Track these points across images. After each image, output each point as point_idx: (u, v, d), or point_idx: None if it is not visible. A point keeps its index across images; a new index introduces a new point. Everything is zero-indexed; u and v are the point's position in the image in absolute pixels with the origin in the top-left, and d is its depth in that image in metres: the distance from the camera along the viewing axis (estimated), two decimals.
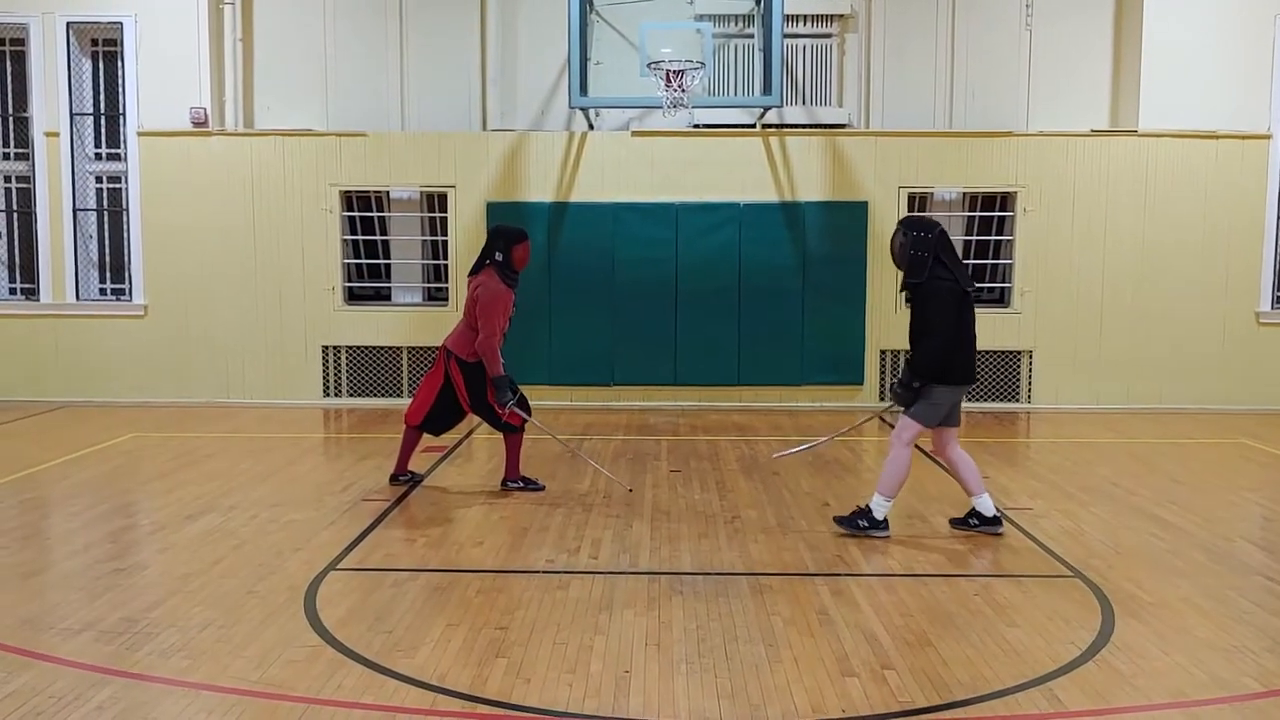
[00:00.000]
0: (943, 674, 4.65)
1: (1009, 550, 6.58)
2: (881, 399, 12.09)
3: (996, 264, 12.31)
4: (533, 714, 4.27)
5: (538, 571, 6.11)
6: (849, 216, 11.93)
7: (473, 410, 7.92)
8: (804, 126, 12.14)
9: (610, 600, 5.60)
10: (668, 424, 11.14)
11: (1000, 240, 12.24)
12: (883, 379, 12.12)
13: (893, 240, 6.74)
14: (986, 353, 12.02)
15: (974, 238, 12.25)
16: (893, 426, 6.93)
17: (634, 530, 6.98)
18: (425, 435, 8.22)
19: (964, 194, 12.15)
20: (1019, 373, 12.14)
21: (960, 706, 4.34)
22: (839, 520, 6.92)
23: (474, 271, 7.86)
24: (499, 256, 7.71)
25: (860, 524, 6.80)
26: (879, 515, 6.78)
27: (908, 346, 6.73)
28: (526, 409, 7.89)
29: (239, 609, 5.45)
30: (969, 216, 12.27)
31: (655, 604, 5.55)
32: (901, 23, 12.20)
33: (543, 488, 8.06)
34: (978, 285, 12.08)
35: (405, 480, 8.22)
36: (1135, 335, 11.99)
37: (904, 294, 6.98)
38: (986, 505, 6.88)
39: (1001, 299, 12.33)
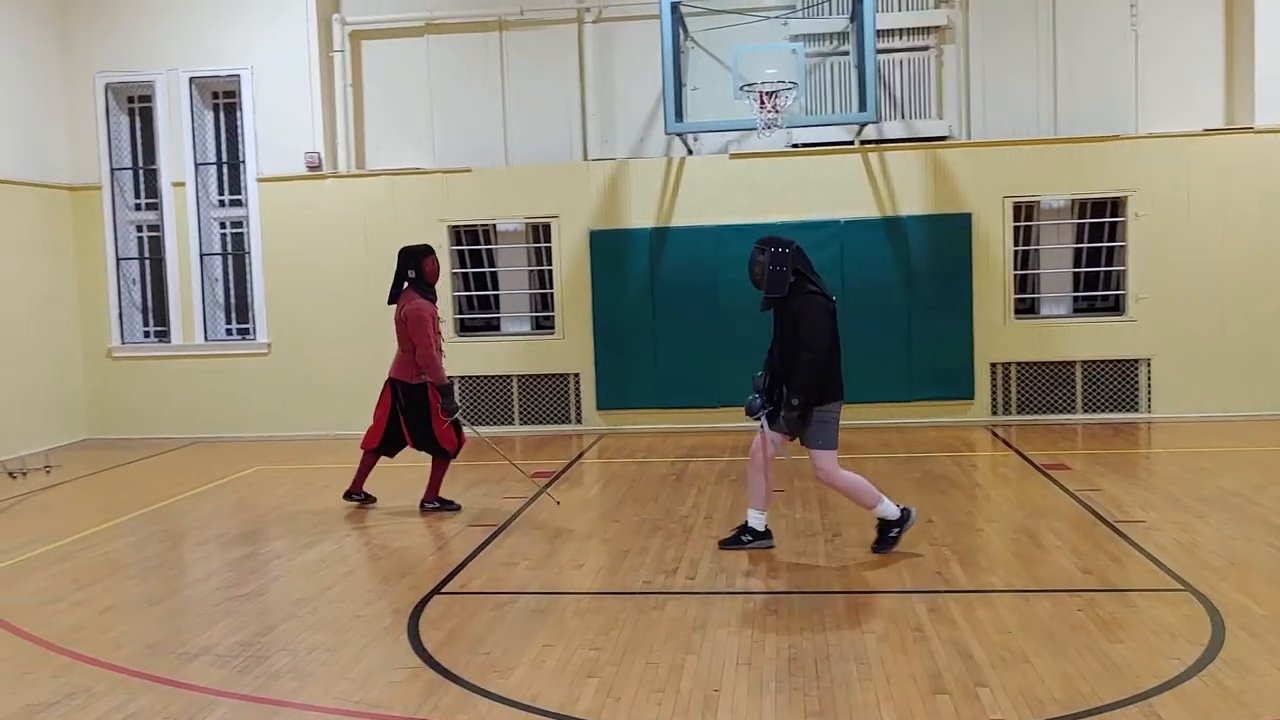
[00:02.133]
0: (1038, 691, 4.56)
1: (1116, 564, 6.41)
2: (993, 412, 11.86)
3: (1109, 271, 11.98)
4: None
5: (635, 593, 6.19)
6: (953, 229, 11.76)
7: (412, 439, 8.40)
8: (903, 141, 12.03)
9: (705, 620, 5.64)
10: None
11: (1112, 247, 11.91)
12: (994, 392, 11.89)
13: (751, 261, 6.75)
14: (1102, 362, 11.73)
15: (1084, 245, 11.97)
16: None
17: (731, 551, 7.00)
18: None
19: (1072, 201, 11.87)
20: (1137, 382, 11.77)
21: None
22: (876, 547, 6.78)
23: (393, 298, 8.33)
24: (412, 274, 8.22)
25: (890, 535, 6.76)
26: (891, 516, 6.76)
27: (784, 370, 6.65)
28: (460, 435, 8.37)
29: (346, 632, 5.66)
30: (1078, 224, 11.98)
31: (749, 623, 5.57)
32: (1000, 30, 12.02)
33: (458, 508, 8.43)
34: (1089, 293, 11.97)
35: (359, 499, 8.80)
36: (1259, 339, 11.51)
37: (765, 311, 6.97)
38: (759, 521, 6.92)
39: (1116, 307, 11.98)
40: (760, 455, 6.86)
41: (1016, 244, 11.89)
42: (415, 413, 8.32)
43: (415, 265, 8.23)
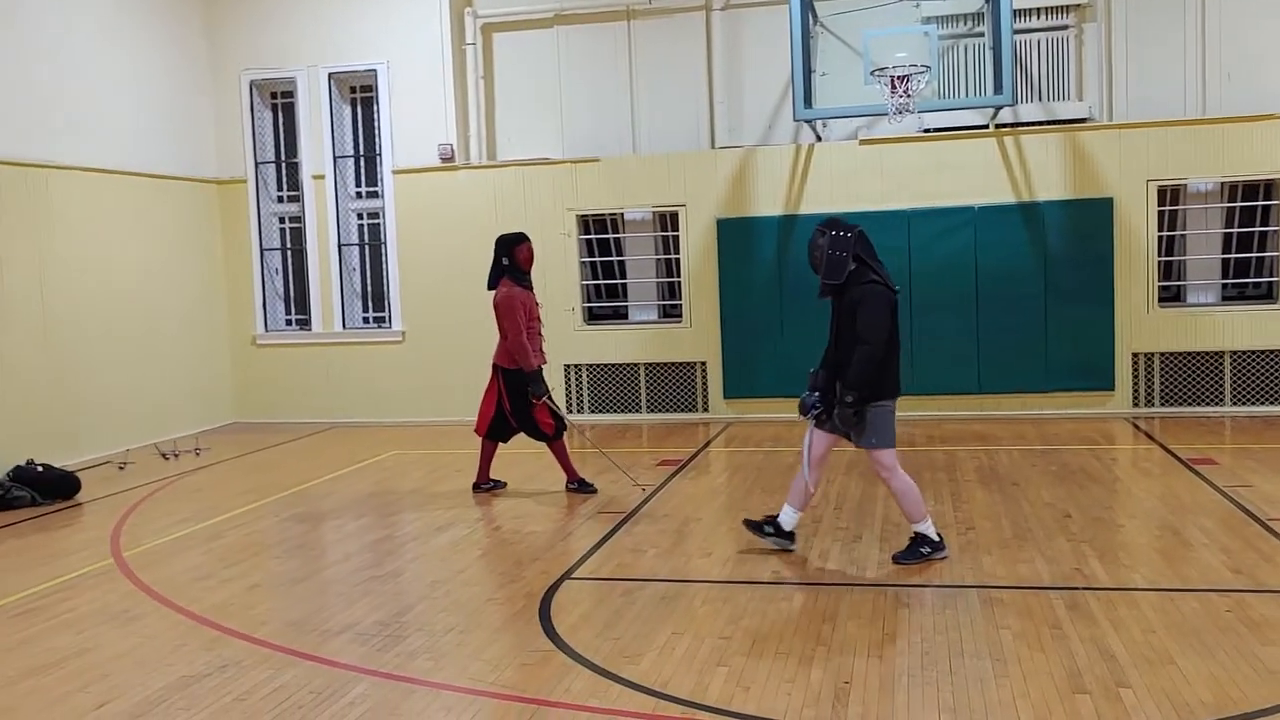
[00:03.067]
0: (1184, 693, 4.40)
1: (1269, 564, 6.12)
2: (1135, 404, 11.46)
3: (1261, 257, 11.43)
4: None
5: (764, 583, 6.17)
6: (1093, 214, 11.37)
7: (516, 422, 8.64)
8: (1041, 123, 11.67)
9: (835, 612, 5.59)
10: (903, 434, 10.80)
11: (1265, 231, 11.36)
12: (1135, 383, 11.47)
13: (810, 245, 6.32)
14: (1254, 353, 11.20)
15: (1235, 230, 11.43)
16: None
17: (862, 542, 6.93)
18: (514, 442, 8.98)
19: (1221, 184, 11.35)
20: None
21: None
22: (900, 558, 6.38)
23: (491, 285, 8.50)
24: (505, 262, 8.43)
25: (923, 551, 6.37)
26: (933, 535, 6.39)
27: (842, 362, 6.25)
28: (555, 418, 8.57)
29: (479, 614, 5.78)
30: (1228, 208, 11.45)
31: (880, 616, 5.50)
32: (1145, 7, 11.55)
33: (594, 490, 8.60)
34: (1240, 280, 11.44)
35: (488, 488, 8.97)
36: None
37: (824, 299, 6.52)
38: (790, 519, 6.58)
39: (1269, 294, 11.42)
40: (818, 451, 6.49)
41: (1161, 229, 11.43)
42: (516, 397, 8.53)
43: (508, 252, 8.43)
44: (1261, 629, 5.09)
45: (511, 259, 8.42)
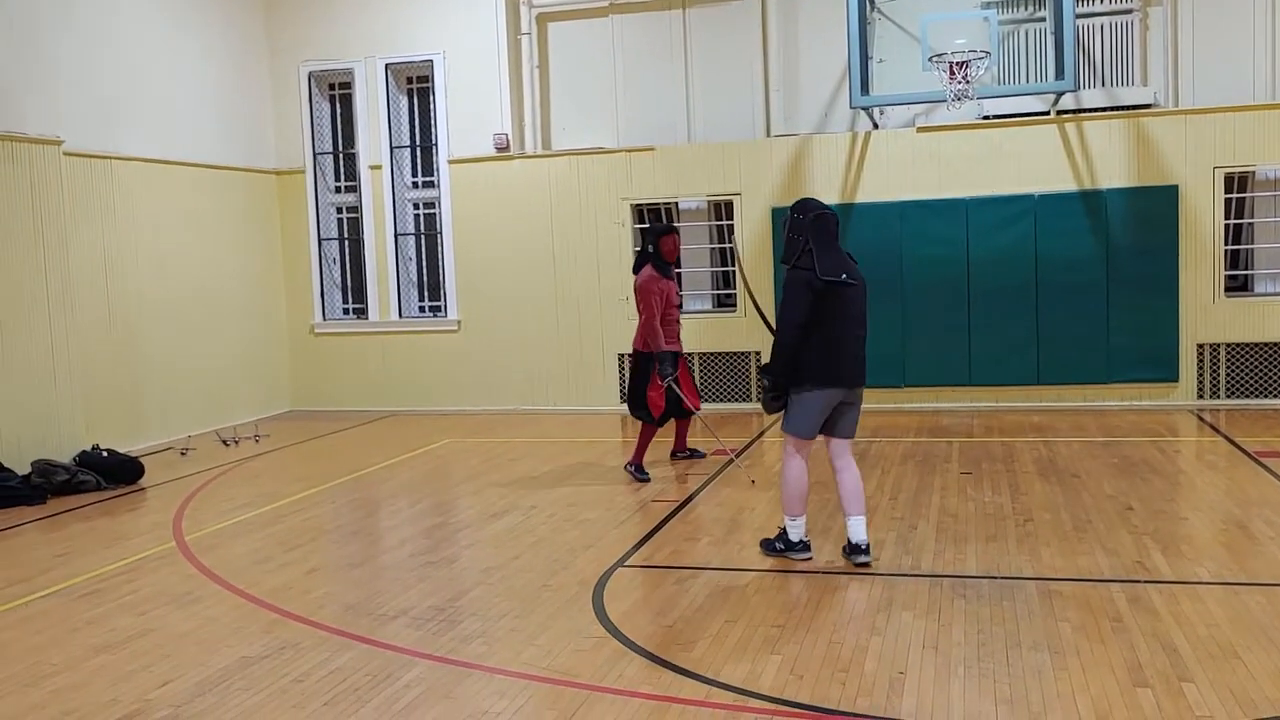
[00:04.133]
0: (1249, 690, 4.30)
1: None
2: (1200, 396, 11.23)
3: None
4: (804, 710, 4.31)
5: (818, 572, 6.13)
6: (1158, 202, 11.15)
7: (630, 400, 8.93)
8: (1104, 109, 11.45)
9: (889, 601, 5.55)
10: (961, 425, 10.82)
11: None
12: (1200, 374, 11.24)
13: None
14: None
15: None
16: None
17: (918, 532, 6.86)
18: (680, 419, 9.36)
19: None
20: None
21: None
22: (763, 543, 6.47)
23: (636, 270, 8.85)
24: (650, 249, 8.75)
25: (776, 545, 6.35)
26: (793, 537, 6.29)
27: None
28: (671, 404, 8.80)
29: (534, 600, 5.80)
30: None
31: (936, 606, 5.44)
32: None
33: (648, 480, 8.75)
34: None
35: (684, 456, 9.50)
36: None
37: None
38: (856, 531, 6.17)
39: None
40: (834, 463, 6.31)
41: (1228, 217, 11.18)
42: (637, 377, 8.81)
43: (654, 242, 8.76)
44: None
45: (656, 248, 8.72)
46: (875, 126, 12.01)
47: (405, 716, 4.40)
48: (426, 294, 13.70)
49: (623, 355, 12.62)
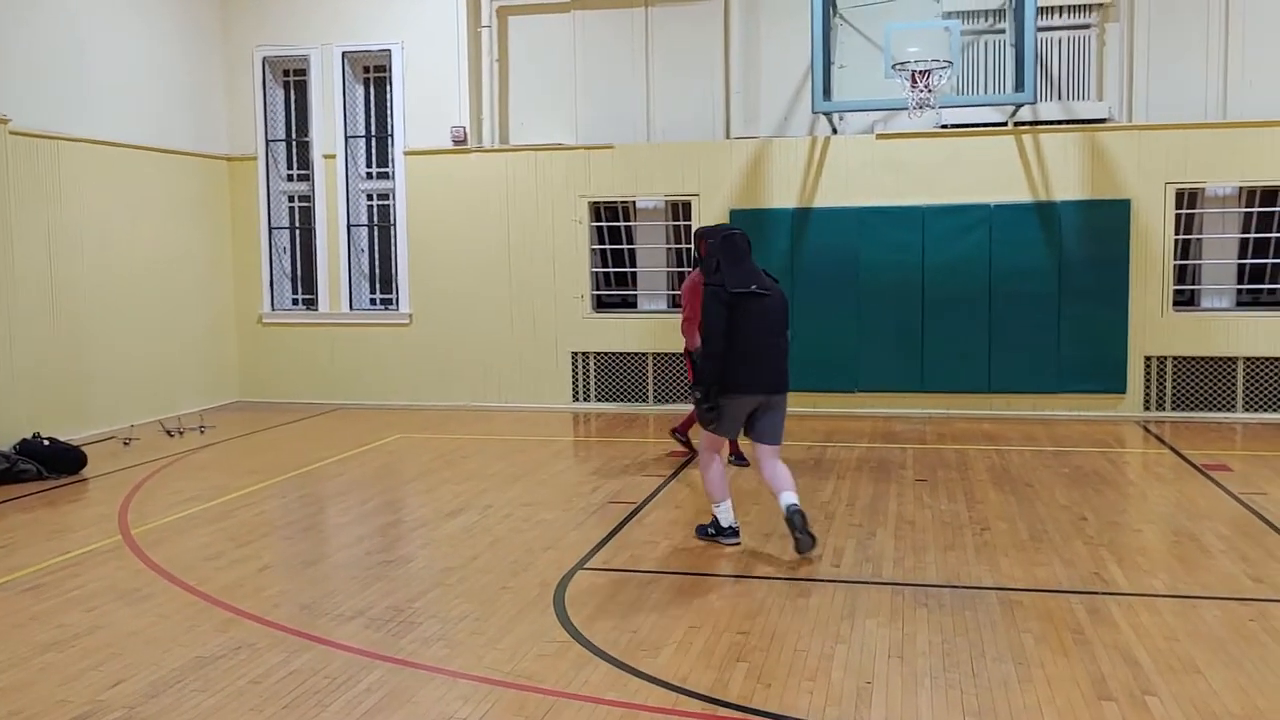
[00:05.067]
0: (1212, 703, 4.35)
1: None
2: (1146, 408, 11.41)
3: (1278, 264, 11.37)
4: (774, 719, 4.29)
5: (779, 578, 6.12)
6: (1110, 215, 11.31)
7: None
8: (1060, 122, 11.60)
9: (852, 610, 5.55)
10: (913, 432, 10.89)
11: None
12: (1148, 387, 11.42)
13: None
14: (1267, 360, 11.15)
15: (1251, 235, 11.37)
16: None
17: (877, 540, 6.88)
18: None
19: (1240, 189, 11.29)
20: None
21: None
22: (699, 529, 6.97)
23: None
24: (696, 255, 9.04)
25: (709, 530, 6.87)
26: (723, 522, 6.78)
27: None
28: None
29: (494, 603, 5.73)
30: (1245, 213, 11.39)
31: (899, 615, 5.45)
32: (1169, 8, 11.45)
33: (690, 448, 9.42)
34: (1255, 286, 11.38)
35: (683, 441, 9.74)
36: None
37: None
38: (789, 499, 6.44)
39: None
40: (761, 468, 6.69)
41: (1178, 232, 11.37)
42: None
43: (697, 245, 8.90)
44: None
45: (698, 251, 8.80)
46: (835, 132, 12.06)
47: None
48: (378, 286, 13.51)
49: (587, 354, 12.56)
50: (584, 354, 12.63)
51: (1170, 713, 4.27)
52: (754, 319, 6.39)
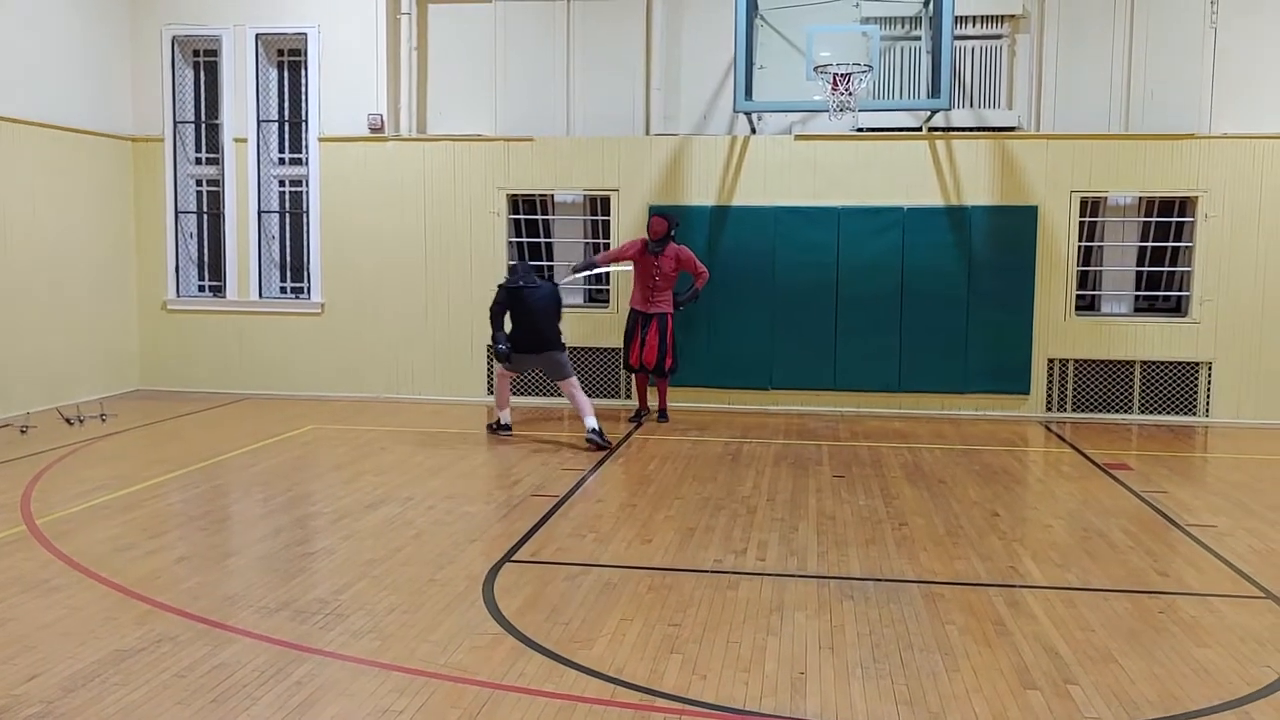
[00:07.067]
0: (1130, 692, 4.52)
1: (1194, 569, 6.34)
2: (1049, 408, 11.77)
3: (1173, 271, 11.83)
4: (711, 710, 4.32)
5: (707, 571, 6.17)
6: (1017, 221, 11.64)
7: (655, 356, 11.33)
8: (971, 129, 11.89)
9: (780, 602, 5.62)
10: (827, 429, 11.07)
11: (1178, 247, 11.76)
12: (1050, 388, 11.78)
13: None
14: (1163, 364, 11.59)
15: (1149, 244, 11.82)
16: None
17: (800, 534, 6.98)
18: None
19: (1140, 199, 11.72)
20: (1197, 385, 11.63)
21: None
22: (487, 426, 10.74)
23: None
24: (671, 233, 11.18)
25: (492, 426, 10.69)
26: (503, 421, 10.58)
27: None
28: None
29: (422, 595, 5.66)
30: (1144, 222, 11.83)
31: (826, 608, 5.54)
32: (1076, 22, 11.84)
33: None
34: (1151, 293, 11.83)
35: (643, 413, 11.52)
36: None
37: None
38: (592, 424, 9.78)
39: (1178, 308, 11.84)
40: (564, 391, 10.43)
41: (1081, 239, 11.76)
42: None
43: (671, 225, 11.22)
44: (1194, 631, 5.26)
45: (672, 228, 11.22)
46: (754, 131, 12.18)
47: (301, 714, 4.22)
48: (289, 275, 13.23)
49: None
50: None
51: (1092, 700, 4.43)
52: (526, 305, 10.13)
